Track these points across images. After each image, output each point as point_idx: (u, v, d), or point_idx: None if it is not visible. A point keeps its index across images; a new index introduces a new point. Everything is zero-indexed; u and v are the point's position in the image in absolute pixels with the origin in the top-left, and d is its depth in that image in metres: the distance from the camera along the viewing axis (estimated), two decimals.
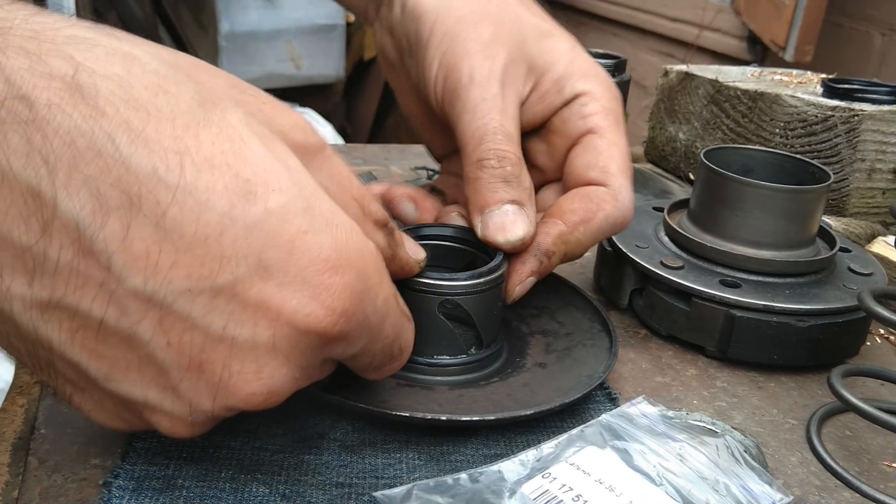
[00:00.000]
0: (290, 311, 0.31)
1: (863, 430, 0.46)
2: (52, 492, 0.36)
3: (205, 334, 0.30)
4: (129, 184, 0.28)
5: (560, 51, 0.51)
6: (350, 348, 0.34)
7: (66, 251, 0.28)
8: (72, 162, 0.28)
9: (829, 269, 0.55)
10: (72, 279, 0.29)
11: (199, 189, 0.29)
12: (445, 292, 0.43)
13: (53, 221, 0.28)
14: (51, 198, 0.28)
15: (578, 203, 0.47)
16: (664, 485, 0.36)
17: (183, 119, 0.29)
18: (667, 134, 0.89)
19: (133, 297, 0.29)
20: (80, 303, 0.29)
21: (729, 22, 2.36)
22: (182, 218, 0.29)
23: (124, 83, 0.29)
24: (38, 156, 0.27)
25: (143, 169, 0.28)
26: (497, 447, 0.41)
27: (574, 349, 0.49)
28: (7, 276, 0.28)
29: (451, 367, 0.45)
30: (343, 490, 0.37)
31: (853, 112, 0.69)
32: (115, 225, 0.28)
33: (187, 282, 0.29)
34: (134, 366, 0.31)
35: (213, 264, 0.29)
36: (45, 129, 0.27)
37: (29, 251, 0.28)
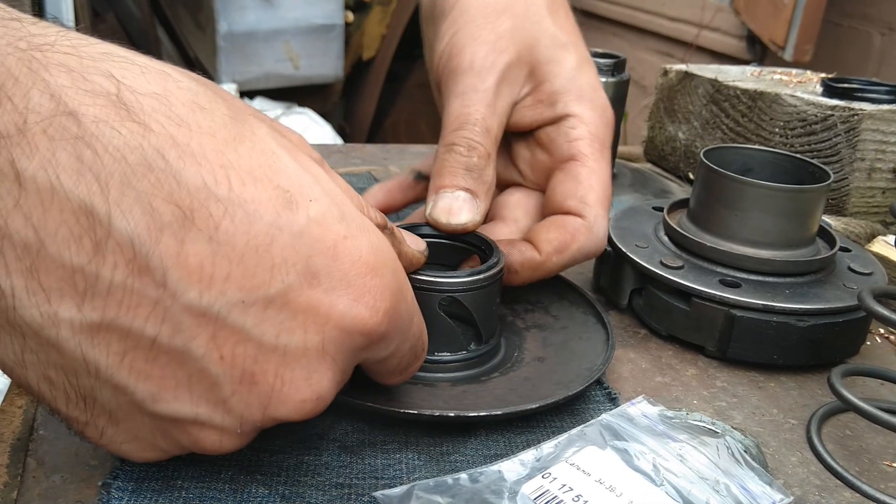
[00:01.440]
0: (339, 314, 0.31)
1: (863, 429, 0.46)
2: (51, 493, 0.36)
3: (258, 345, 0.30)
4: (181, 198, 0.28)
5: (566, 65, 0.51)
6: (386, 349, 0.35)
7: (119, 270, 0.28)
8: (123, 178, 0.27)
9: (829, 269, 0.54)
10: (125, 299, 0.28)
11: (247, 201, 0.29)
12: (445, 289, 0.43)
13: (108, 240, 0.27)
14: (105, 215, 0.27)
15: (554, 233, 0.49)
16: (664, 485, 0.36)
17: (222, 134, 0.30)
18: (666, 133, 0.89)
19: (187, 313, 0.29)
20: (133, 322, 0.28)
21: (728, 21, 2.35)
22: (234, 230, 0.29)
23: (164, 100, 0.29)
24: (90, 173, 0.27)
25: (194, 183, 0.28)
26: (497, 447, 0.41)
27: (571, 342, 0.49)
28: (55, 300, 0.27)
29: (452, 363, 0.45)
30: (343, 490, 0.37)
31: (853, 111, 0.69)
32: (169, 240, 0.28)
33: (241, 293, 0.29)
34: (184, 383, 0.30)
35: (264, 274, 0.30)
36: (95, 146, 0.27)
37: (80, 272, 0.27)
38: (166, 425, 0.32)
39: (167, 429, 0.32)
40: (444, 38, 0.50)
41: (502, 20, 0.50)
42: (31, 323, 0.28)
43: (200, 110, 0.30)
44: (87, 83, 0.27)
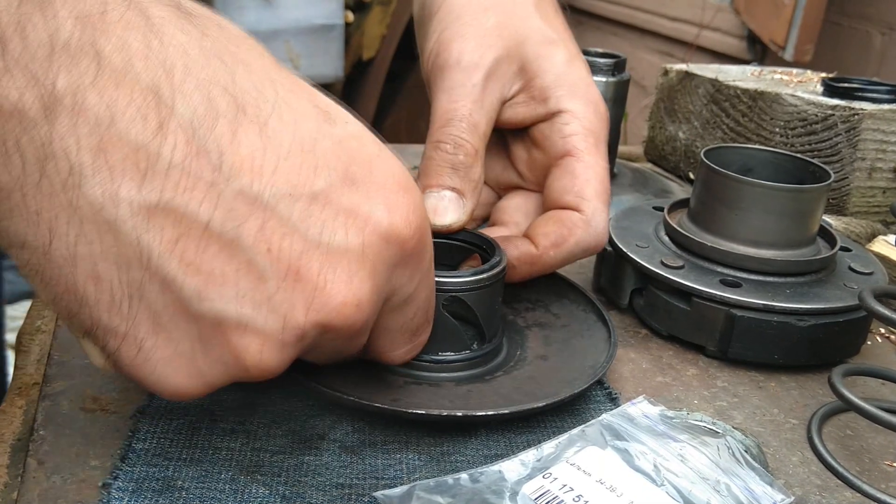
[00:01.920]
0: (377, 219, 0.33)
1: (864, 429, 0.46)
2: (51, 493, 0.36)
3: (303, 239, 0.31)
4: (235, 93, 0.31)
5: (556, 60, 0.51)
6: (412, 279, 0.36)
7: (179, 150, 0.29)
8: (185, 68, 0.30)
9: (829, 269, 0.54)
10: (182, 179, 0.29)
11: (293, 106, 0.32)
12: (448, 289, 0.43)
13: (170, 120, 0.29)
14: (169, 97, 0.29)
15: (552, 227, 0.49)
16: (665, 485, 0.36)
17: (266, 58, 0.33)
18: (667, 133, 0.89)
19: (239, 198, 0.30)
20: (189, 205, 0.30)
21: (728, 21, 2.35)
22: (281, 128, 0.31)
23: (217, 21, 0.32)
24: (157, 59, 0.29)
25: (246, 84, 0.31)
26: (497, 447, 0.41)
27: (572, 340, 0.49)
28: (117, 178, 0.29)
29: (456, 363, 0.45)
30: (343, 491, 0.37)
31: (853, 111, 0.69)
32: (224, 128, 0.30)
33: (287, 186, 0.31)
34: (231, 278, 0.31)
35: (308, 172, 0.31)
36: (161, 37, 0.30)
37: (143, 149, 0.29)
38: (209, 332, 0.31)
39: (209, 338, 0.32)
40: (432, 36, 0.50)
41: (489, 16, 0.50)
42: (93, 202, 0.29)
43: (247, 40, 0.33)
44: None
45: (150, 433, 0.39)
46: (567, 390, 0.43)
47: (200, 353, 0.32)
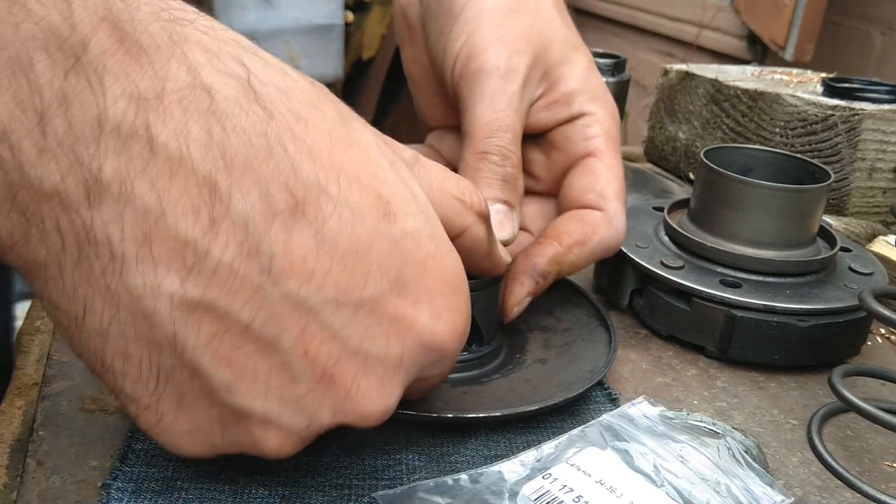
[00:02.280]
0: (420, 327, 0.32)
1: (864, 430, 0.46)
2: (50, 494, 0.36)
3: (342, 346, 0.30)
4: (296, 189, 0.29)
5: (579, 65, 0.51)
6: (440, 368, 0.35)
7: (230, 250, 0.28)
8: (247, 159, 0.28)
9: (829, 269, 0.54)
10: (229, 280, 0.28)
11: (353, 203, 0.30)
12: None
13: (224, 217, 0.27)
14: (226, 193, 0.27)
15: (574, 225, 0.48)
16: (665, 486, 0.36)
17: (333, 134, 0.31)
18: (666, 133, 0.89)
19: (284, 302, 0.29)
20: (232, 305, 0.28)
21: (729, 21, 2.35)
22: (339, 229, 0.29)
23: (285, 93, 0.30)
24: (217, 149, 0.27)
25: (308, 177, 0.29)
26: (497, 448, 0.41)
27: (573, 344, 0.49)
28: (161, 271, 0.27)
29: None
30: (343, 491, 0.37)
31: (853, 111, 0.69)
32: (279, 228, 0.28)
33: (336, 292, 0.30)
34: (262, 376, 0.30)
35: (360, 277, 0.30)
36: (225, 124, 0.27)
37: (192, 246, 0.27)
38: (232, 419, 0.31)
39: (231, 424, 0.31)
40: (458, 38, 0.49)
41: (517, 20, 0.49)
42: (133, 291, 0.27)
43: (315, 109, 0.30)
44: (220, 64, 0.28)
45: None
46: (562, 394, 0.43)
47: (219, 432, 0.32)
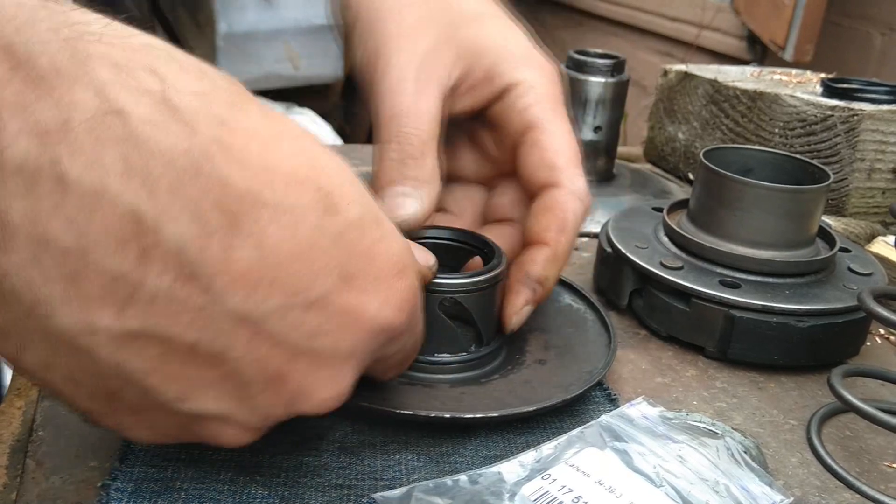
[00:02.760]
0: (370, 316, 0.32)
1: (863, 430, 0.46)
2: (50, 494, 0.36)
3: (292, 347, 0.30)
4: (228, 204, 0.27)
5: (490, 35, 0.49)
6: (398, 344, 0.35)
7: (165, 277, 0.27)
8: (172, 183, 0.26)
9: (828, 270, 0.54)
10: (169, 306, 0.27)
11: (292, 205, 0.29)
12: (446, 291, 0.43)
13: (156, 247, 0.26)
14: (153, 221, 0.26)
15: (546, 218, 0.47)
16: (664, 486, 0.36)
17: (262, 132, 0.29)
18: (666, 134, 0.89)
19: (229, 318, 0.28)
20: (173, 329, 0.28)
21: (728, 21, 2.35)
22: (280, 235, 0.29)
23: (205, 99, 0.28)
24: (138, 177, 0.26)
25: (241, 187, 0.28)
26: (496, 448, 0.41)
27: (572, 345, 0.49)
28: (94, 308, 0.26)
29: (452, 364, 0.45)
30: (342, 492, 0.37)
31: (852, 112, 0.69)
32: (216, 247, 0.27)
33: (283, 298, 0.29)
34: (214, 383, 0.30)
35: (307, 279, 0.29)
36: (142, 148, 0.26)
37: (123, 279, 0.26)
38: (189, 421, 0.31)
39: (188, 424, 0.32)
40: (356, 52, 0.48)
41: (406, 13, 0.48)
42: (66, 331, 0.27)
43: (238, 109, 0.29)
44: (131, 80, 0.26)
45: None
46: (560, 395, 0.43)
47: (177, 431, 0.32)
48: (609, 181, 0.79)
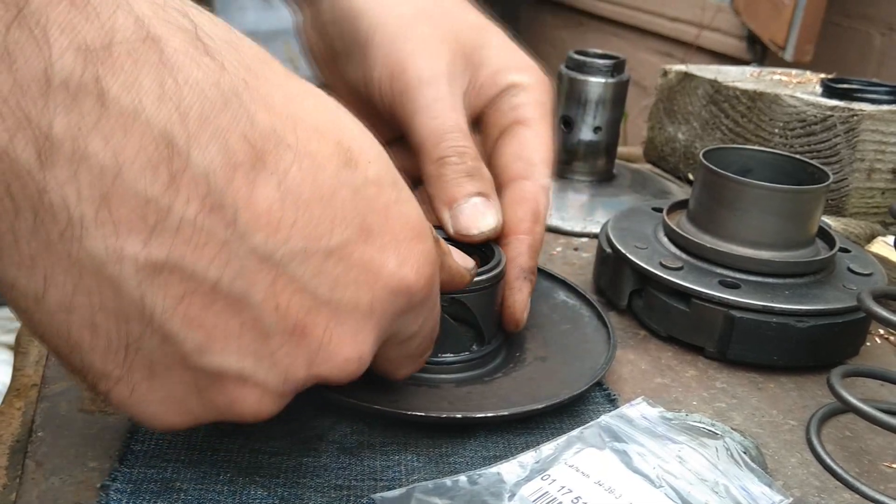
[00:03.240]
0: (388, 273, 0.32)
1: (863, 430, 0.46)
2: (49, 495, 0.36)
3: (312, 296, 0.30)
4: (254, 139, 0.28)
5: (495, 45, 0.52)
6: (416, 321, 0.36)
7: (192, 206, 0.27)
8: (202, 112, 0.27)
9: (828, 270, 0.54)
10: (194, 237, 0.27)
11: (313, 152, 0.30)
12: (449, 291, 0.43)
13: (184, 172, 0.26)
14: (184, 146, 0.26)
15: (521, 209, 0.48)
16: (663, 486, 0.36)
17: (287, 88, 0.30)
18: (666, 134, 0.89)
19: (252, 257, 0.28)
20: (198, 264, 0.28)
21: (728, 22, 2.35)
22: (301, 178, 0.29)
23: (234, 47, 0.29)
24: (171, 101, 0.26)
25: (266, 127, 0.28)
26: (496, 449, 0.41)
27: (572, 342, 0.49)
28: (123, 233, 0.26)
29: (455, 364, 0.45)
30: (342, 492, 0.37)
31: (852, 112, 0.69)
32: (241, 180, 0.28)
33: (303, 242, 0.29)
34: (234, 334, 0.29)
35: (326, 225, 0.30)
36: (176, 76, 0.26)
37: (153, 203, 0.26)
38: (206, 382, 0.30)
39: (206, 386, 0.31)
40: (374, 65, 0.49)
41: (422, 26, 0.50)
42: (95, 257, 0.26)
43: (265, 64, 0.30)
44: (167, 15, 0.27)
45: (149, 435, 0.39)
46: (566, 392, 0.43)
47: (195, 397, 0.31)
48: (609, 181, 0.79)
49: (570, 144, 0.77)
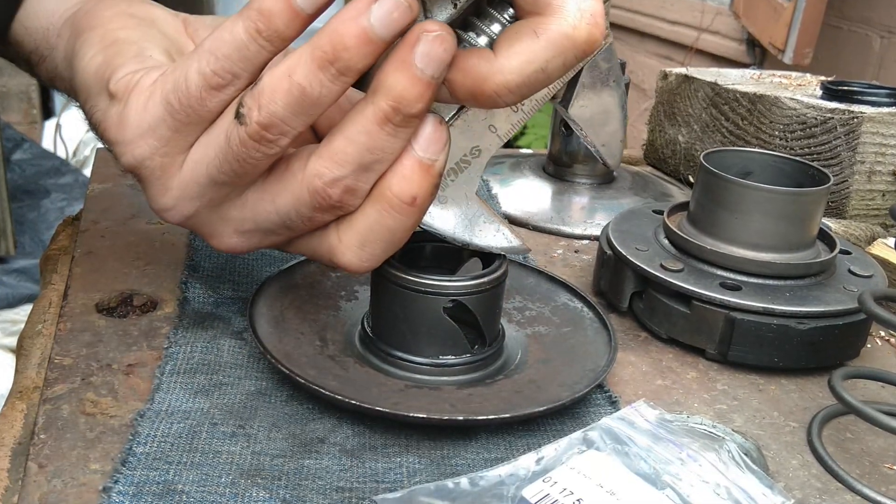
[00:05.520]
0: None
1: (864, 432, 0.46)
2: (51, 497, 0.36)
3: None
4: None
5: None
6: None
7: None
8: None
9: (829, 272, 0.54)
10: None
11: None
12: (451, 293, 0.43)
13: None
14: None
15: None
16: (665, 489, 0.36)
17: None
18: (666, 137, 0.89)
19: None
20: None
21: (728, 25, 2.36)
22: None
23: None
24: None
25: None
26: (497, 451, 0.41)
27: (573, 344, 0.49)
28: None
29: (457, 366, 0.45)
30: (343, 494, 0.37)
31: (852, 114, 0.69)
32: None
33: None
34: None
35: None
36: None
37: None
38: None
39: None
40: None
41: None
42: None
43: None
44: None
45: (151, 437, 0.40)
46: (568, 394, 0.43)
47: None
48: (609, 184, 0.79)
49: (571, 147, 0.77)
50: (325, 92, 0.36)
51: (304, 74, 0.36)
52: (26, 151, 2.65)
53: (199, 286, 0.54)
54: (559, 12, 0.35)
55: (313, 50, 0.36)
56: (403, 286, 0.43)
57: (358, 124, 0.37)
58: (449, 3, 0.37)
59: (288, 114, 0.36)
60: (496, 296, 0.45)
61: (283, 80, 0.36)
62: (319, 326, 0.49)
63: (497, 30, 0.38)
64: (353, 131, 0.37)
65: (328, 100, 0.36)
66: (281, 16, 0.36)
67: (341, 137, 0.37)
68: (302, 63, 0.36)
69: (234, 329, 0.50)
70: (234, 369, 0.46)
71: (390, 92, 0.36)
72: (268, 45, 0.37)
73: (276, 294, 0.50)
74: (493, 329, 0.47)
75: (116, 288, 0.53)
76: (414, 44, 0.35)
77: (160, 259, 0.58)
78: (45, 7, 0.50)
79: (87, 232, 0.62)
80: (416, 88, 0.35)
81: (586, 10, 0.35)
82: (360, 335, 0.48)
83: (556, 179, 0.79)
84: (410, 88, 0.35)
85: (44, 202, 2.53)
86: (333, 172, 0.38)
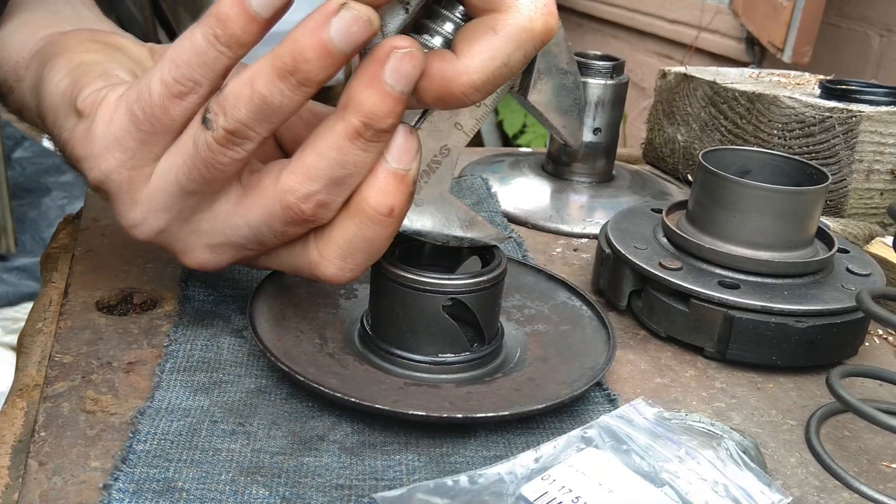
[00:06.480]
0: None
1: (862, 430, 0.46)
2: (51, 495, 0.36)
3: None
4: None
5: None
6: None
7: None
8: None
9: (827, 270, 0.55)
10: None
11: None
12: (450, 291, 0.43)
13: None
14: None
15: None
16: (663, 486, 0.36)
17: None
18: (665, 135, 0.89)
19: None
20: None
21: (727, 23, 2.36)
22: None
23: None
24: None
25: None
26: (497, 448, 0.41)
27: (572, 342, 0.49)
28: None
29: (456, 364, 0.45)
30: (343, 492, 0.38)
31: (851, 113, 0.70)
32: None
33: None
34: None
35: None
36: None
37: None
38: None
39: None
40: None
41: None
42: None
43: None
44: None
45: (151, 434, 0.40)
46: (567, 392, 0.43)
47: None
48: (608, 182, 0.80)
49: (570, 145, 0.77)
50: (287, 101, 0.36)
51: (265, 83, 0.36)
52: (27, 149, 2.65)
53: (199, 284, 0.54)
54: (514, 6, 0.36)
55: (274, 59, 0.36)
56: (403, 284, 0.43)
57: (329, 140, 0.37)
58: (401, 9, 0.38)
59: (251, 121, 0.37)
60: (495, 294, 0.46)
61: (246, 87, 0.36)
62: (319, 324, 0.49)
63: (451, 28, 0.38)
64: (325, 147, 0.37)
65: (289, 109, 0.37)
66: (237, 20, 0.36)
67: (313, 153, 0.38)
68: (263, 72, 0.36)
69: (234, 327, 0.50)
70: (233, 367, 0.46)
71: (361, 108, 0.36)
72: (227, 50, 0.37)
73: (275, 292, 0.50)
74: (492, 327, 0.47)
75: (117, 286, 0.54)
76: (384, 60, 0.36)
77: (160, 257, 0.58)
78: (14, 40, 0.51)
79: (88, 230, 0.62)
80: (387, 104, 0.36)
81: (539, 1, 0.36)
82: (359, 333, 0.48)
83: (555, 178, 0.79)
84: (381, 104, 0.36)
85: (44, 200, 2.53)
86: (306, 187, 0.38)
